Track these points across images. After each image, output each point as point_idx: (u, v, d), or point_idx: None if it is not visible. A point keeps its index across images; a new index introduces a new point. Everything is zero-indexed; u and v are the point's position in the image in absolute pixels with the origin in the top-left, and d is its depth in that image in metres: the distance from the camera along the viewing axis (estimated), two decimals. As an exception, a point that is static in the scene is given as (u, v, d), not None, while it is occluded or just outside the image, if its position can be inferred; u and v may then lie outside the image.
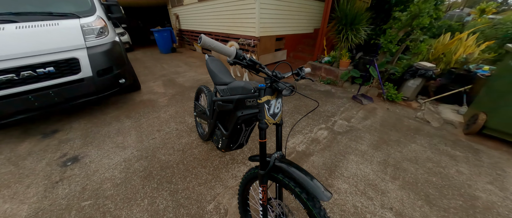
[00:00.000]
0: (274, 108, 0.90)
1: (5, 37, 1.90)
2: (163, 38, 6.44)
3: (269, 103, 0.86)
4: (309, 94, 3.27)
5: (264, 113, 0.87)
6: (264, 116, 0.87)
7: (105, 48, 2.47)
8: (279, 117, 0.93)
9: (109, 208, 1.43)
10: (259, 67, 0.79)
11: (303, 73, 0.98)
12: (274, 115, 0.90)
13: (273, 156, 0.93)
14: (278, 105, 0.92)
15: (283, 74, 0.88)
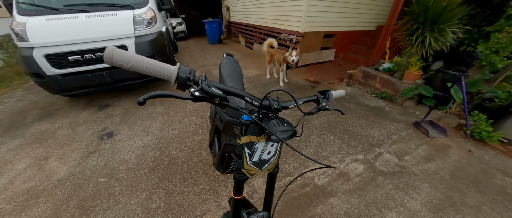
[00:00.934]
0: (261, 154, 0.62)
1: (78, 24, 2.30)
2: (212, 29, 6.78)
3: (253, 146, 0.59)
4: (352, 109, 2.66)
5: (243, 160, 0.60)
6: (242, 164, 0.60)
7: (151, 37, 2.69)
8: (271, 165, 0.65)
9: (115, 191, 1.53)
10: (219, 102, 0.48)
11: (325, 103, 0.67)
12: (261, 163, 0.62)
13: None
14: (270, 150, 0.63)
15: (284, 103, 0.59)
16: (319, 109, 0.66)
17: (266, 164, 0.64)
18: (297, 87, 3.30)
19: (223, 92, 0.51)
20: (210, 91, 0.44)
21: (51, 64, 2.27)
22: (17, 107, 2.90)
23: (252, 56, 5.30)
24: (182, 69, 0.43)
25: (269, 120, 0.53)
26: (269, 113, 0.56)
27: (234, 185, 0.65)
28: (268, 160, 0.64)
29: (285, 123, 0.53)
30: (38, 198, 1.48)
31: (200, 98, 0.44)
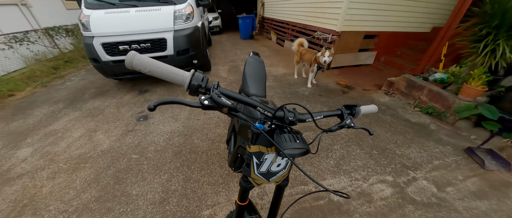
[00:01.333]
0: (270, 165, 0.59)
1: (129, 17, 2.61)
2: (245, 24, 6.86)
3: (262, 157, 0.57)
4: (388, 122, 2.37)
5: (251, 168, 0.59)
6: (249, 172, 0.59)
7: (187, 32, 2.88)
8: (280, 177, 0.62)
9: (143, 168, 1.72)
10: (228, 112, 0.47)
11: (350, 120, 0.60)
12: (269, 174, 0.60)
13: None
14: (280, 162, 0.60)
15: (301, 116, 0.55)
16: (341, 127, 0.59)
17: (274, 176, 0.61)
18: (326, 91, 3.10)
19: (235, 101, 0.50)
20: (219, 100, 0.43)
21: (105, 52, 2.65)
22: (80, 84, 3.51)
23: (282, 54, 5.18)
24: (195, 76, 0.43)
25: (282, 134, 0.50)
26: (283, 125, 0.53)
27: (239, 191, 0.65)
28: (277, 173, 0.61)
29: (298, 139, 0.49)
30: (85, 163, 1.78)
31: (209, 107, 0.44)
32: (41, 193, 1.53)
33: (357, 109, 0.63)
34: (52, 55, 4.67)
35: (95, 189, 1.54)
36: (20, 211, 1.41)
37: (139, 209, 1.38)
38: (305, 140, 0.52)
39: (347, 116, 0.61)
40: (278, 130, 0.52)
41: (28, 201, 1.48)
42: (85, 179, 1.63)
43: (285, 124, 0.53)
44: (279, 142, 0.48)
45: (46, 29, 4.68)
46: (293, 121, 0.53)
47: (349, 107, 0.64)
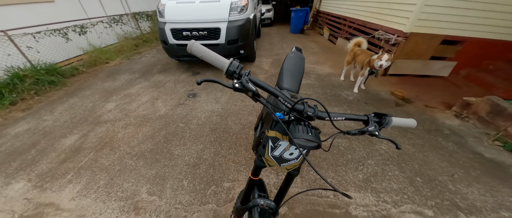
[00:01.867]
0: (283, 152, 0.65)
1: (194, 8, 3.01)
2: (298, 18, 6.66)
3: (276, 142, 0.63)
4: (449, 149, 1.96)
5: (266, 150, 0.66)
6: (264, 153, 0.67)
7: (240, 23, 3.09)
8: (291, 165, 0.68)
9: (185, 135, 2.06)
10: (252, 96, 0.55)
11: (375, 128, 0.58)
12: (281, 159, 0.66)
13: (258, 201, 0.75)
14: (292, 151, 0.66)
15: (321, 113, 0.57)
16: (362, 132, 0.58)
17: (285, 163, 0.67)
18: (375, 99, 2.76)
19: (261, 88, 0.58)
20: (246, 85, 0.52)
21: (172, 36, 3.17)
22: (151, 61, 4.33)
23: (331, 52, 4.84)
24: (232, 63, 0.53)
25: (298, 125, 0.55)
26: (300, 118, 0.58)
27: (253, 167, 0.74)
28: (289, 160, 0.66)
29: (312, 132, 0.53)
30: (146, 122, 2.27)
31: (238, 89, 0.53)
32: (117, 137, 2.07)
33: (387, 118, 0.60)
34: (135, 35, 5.87)
35: (150, 143, 1.97)
36: (103, 146, 1.96)
37: (177, 166, 1.69)
38: (319, 136, 0.55)
39: (373, 123, 0.59)
40: (296, 121, 0.57)
41: (108, 140, 2.03)
42: (145, 134, 2.09)
43: (302, 117, 0.57)
44: (292, 131, 0.54)
45: (134, 13, 5.90)
46: (311, 116, 0.56)
47: (379, 115, 0.62)
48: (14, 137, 2.15)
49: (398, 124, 0.62)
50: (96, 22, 4.72)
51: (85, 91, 3.10)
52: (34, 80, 3.05)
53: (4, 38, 3.05)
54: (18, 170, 1.73)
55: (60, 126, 2.30)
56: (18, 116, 2.55)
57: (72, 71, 3.69)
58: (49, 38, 3.71)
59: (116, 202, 1.43)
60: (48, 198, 1.48)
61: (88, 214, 1.36)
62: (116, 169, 1.71)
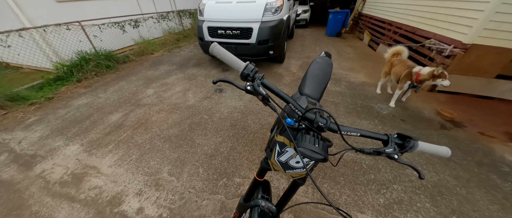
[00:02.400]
0: (289, 159, 0.64)
1: (230, 7, 3.16)
2: (336, 20, 6.30)
3: (284, 147, 0.62)
4: (505, 191, 1.60)
5: (273, 153, 0.66)
6: (270, 156, 0.67)
7: (272, 24, 3.11)
8: (296, 174, 0.66)
9: (208, 126, 2.19)
10: (262, 100, 0.55)
11: (393, 150, 0.51)
12: (286, 165, 0.65)
13: (260, 202, 0.76)
14: (299, 160, 0.63)
15: (334, 126, 0.54)
16: (378, 153, 0.52)
17: (290, 170, 0.66)
18: (415, 118, 2.42)
19: (272, 92, 0.59)
20: (257, 89, 0.54)
21: (208, 34, 3.38)
22: (188, 55, 4.72)
23: (369, 59, 4.44)
24: (247, 67, 0.56)
25: (306, 134, 0.53)
26: (311, 127, 0.56)
27: (259, 168, 0.75)
28: (294, 168, 0.65)
29: (319, 144, 0.51)
30: (176, 110, 2.49)
31: (249, 92, 0.55)
32: (151, 119, 2.34)
33: (413, 142, 0.52)
34: (178, 30, 6.45)
35: (177, 129, 2.16)
36: (139, 126, 2.23)
37: (196, 154, 1.82)
38: (326, 149, 0.53)
39: (392, 144, 0.53)
40: (305, 130, 0.56)
41: (144, 121, 2.31)
42: (174, 120, 2.31)
43: (312, 127, 0.55)
44: (299, 140, 0.53)
45: (179, 11, 6.49)
46: (321, 126, 0.54)
47: (402, 137, 0.55)
48: (76, 108, 2.64)
49: (427, 150, 0.54)
50: (147, 18, 5.38)
51: (132, 77, 3.58)
52: (96, 63, 3.66)
53: (78, 27, 3.74)
54: (75, 136, 2.12)
55: (110, 104, 2.71)
56: (81, 91, 3.10)
57: (124, 58, 4.30)
58: (110, 29, 4.40)
59: (142, 176, 1.63)
60: (92, 162, 1.78)
61: (120, 181, 1.59)
62: (146, 147, 1.93)
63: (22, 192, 1.53)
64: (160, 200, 1.43)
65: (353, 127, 0.56)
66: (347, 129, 0.55)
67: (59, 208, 1.41)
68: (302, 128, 0.57)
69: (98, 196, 1.48)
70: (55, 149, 1.95)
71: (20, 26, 3.13)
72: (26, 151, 1.94)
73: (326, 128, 0.55)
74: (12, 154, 1.91)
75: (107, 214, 1.35)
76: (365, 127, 2.18)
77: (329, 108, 2.55)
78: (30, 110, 2.63)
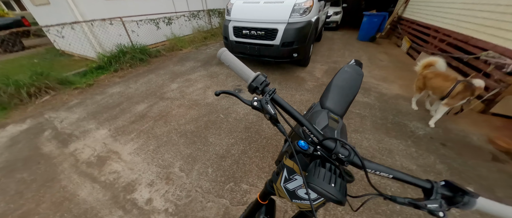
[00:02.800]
0: (297, 188, 0.56)
1: (257, 8, 3.12)
2: (371, 23, 5.78)
3: (292, 174, 0.55)
4: None
5: (279, 178, 0.58)
6: (276, 180, 0.59)
7: (298, 26, 2.98)
8: (304, 205, 0.57)
9: (222, 126, 2.19)
10: (269, 119, 0.48)
11: (438, 207, 0.38)
12: (293, 194, 0.57)
13: None
14: (307, 191, 0.55)
15: (357, 160, 0.44)
16: (416, 206, 0.39)
17: (298, 200, 0.57)
18: (459, 144, 2.02)
19: (284, 111, 0.51)
20: (265, 106, 0.47)
21: (233, 33, 3.40)
22: (213, 53, 4.85)
23: (407, 69, 3.95)
24: (257, 78, 0.49)
25: (321, 166, 0.44)
26: (327, 158, 0.46)
27: (263, 189, 0.68)
28: (302, 199, 0.56)
29: (337, 182, 0.41)
30: (195, 106, 2.56)
31: (256, 108, 0.48)
32: (171, 113, 2.44)
33: (470, 199, 0.38)
34: (206, 29, 6.70)
35: (193, 125, 2.21)
36: (160, 118, 2.35)
37: (207, 153, 1.83)
38: (345, 188, 0.43)
39: (438, 197, 0.39)
40: (321, 160, 0.47)
41: (165, 114, 2.42)
42: (191, 116, 2.37)
43: (330, 159, 0.46)
44: (311, 171, 0.44)
45: (208, 10, 6.73)
46: (342, 159, 0.44)
47: (455, 189, 0.40)
48: (109, 96, 2.91)
49: (491, 211, 0.39)
50: (180, 16, 5.70)
51: (160, 70, 3.82)
52: (131, 56, 4.01)
53: (119, 22, 4.13)
54: (105, 121, 2.33)
55: (138, 94, 2.93)
56: (116, 80, 3.42)
57: (156, 53, 4.62)
58: (146, 25, 4.77)
59: (155, 167, 1.69)
60: (116, 147, 1.92)
61: (136, 169, 1.68)
62: (163, 140, 2.02)
63: (56, 166, 1.73)
64: (168, 194, 1.46)
65: (384, 166, 0.44)
66: (376, 167, 0.44)
67: (82, 186, 1.55)
68: (317, 156, 0.48)
69: (115, 180, 1.59)
70: (88, 131, 2.17)
71: (73, 19, 3.59)
72: (65, 130, 2.20)
73: (348, 163, 0.45)
74: (54, 131, 2.19)
75: (120, 199, 1.44)
76: (394, 148, 1.92)
77: (354, 120, 2.33)
78: (74, 94, 3.00)
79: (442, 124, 2.31)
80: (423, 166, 1.74)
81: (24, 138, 2.11)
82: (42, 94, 2.85)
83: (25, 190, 1.53)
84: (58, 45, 5.15)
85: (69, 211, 1.37)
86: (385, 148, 1.92)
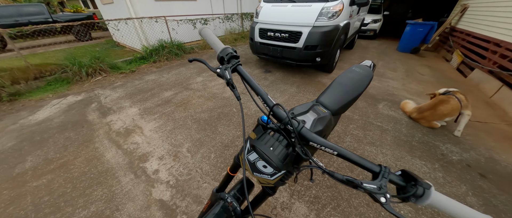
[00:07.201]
0: (256, 160, 0.58)
1: (284, 11, 3.18)
2: (415, 33, 5.18)
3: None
4: None
5: (243, 150, 0.62)
6: (240, 152, 0.64)
7: (324, 29, 2.91)
8: (264, 180, 0.58)
9: (233, 119, 2.29)
10: (228, 85, 0.52)
11: (382, 189, 0.36)
12: (254, 167, 0.59)
13: (226, 197, 0.71)
14: (265, 163, 0.57)
15: (306, 132, 0.46)
16: (354, 185, 0.37)
17: (258, 174, 0.59)
18: (506, 179, 1.67)
19: (245, 81, 0.56)
20: (224, 73, 0.53)
21: (259, 35, 3.53)
22: (239, 53, 5.08)
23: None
24: (224, 49, 0.57)
25: (271, 134, 0.48)
26: (278, 128, 0.49)
27: (232, 163, 0.72)
28: (261, 173, 0.58)
29: (277, 149, 0.44)
30: (213, 99, 2.74)
31: (219, 75, 0.54)
32: (191, 102, 2.67)
33: (420, 188, 0.35)
34: (238, 31, 7.06)
35: (208, 115, 2.37)
36: (181, 105, 2.59)
37: (214, 140, 1.94)
38: (291, 159, 0.46)
39: (384, 181, 0.37)
40: (274, 130, 0.50)
41: (186, 102, 2.66)
42: (208, 107, 2.55)
43: (279, 128, 0.48)
44: (259, 138, 0.47)
45: (242, 14, 7.08)
46: (289, 128, 0.46)
47: (408, 176, 0.38)
48: (145, 81, 3.34)
49: (443, 207, 0.35)
50: (215, 17, 6.17)
51: (190, 65, 4.20)
52: (169, 50, 4.52)
53: (163, 21, 4.72)
54: (137, 101, 2.69)
55: (168, 83, 3.29)
56: (153, 70, 3.91)
57: (189, 49, 5.10)
58: (185, 25, 5.32)
59: (167, 145, 1.88)
60: (140, 124, 2.21)
61: (152, 144, 1.90)
62: (179, 123, 2.23)
63: (94, 131, 2.09)
64: (173, 170, 1.61)
65: (333, 144, 0.44)
66: (323, 143, 0.45)
67: (109, 150, 1.83)
68: (273, 129, 0.51)
69: (134, 150, 1.83)
70: (123, 107, 2.55)
71: (128, 16, 4.28)
72: (107, 104, 2.62)
73: (295, 131, 0.46)
74: (99, 104, 2.64)
75: (134, 165, 1.65)
76: (416, 169, 1.70)
77: (373, 132, 2.14)
78: (119, 77, 3.55)
79: (487, 152, 1.93)
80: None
81: (77, 106, 2.60)
82: (96, 75, 3.46)
83: (69, 145, 1.90)
84: (115, 38, 6.16)
85: (95, 167, 1.64)
86: (403, 167, 1.71)
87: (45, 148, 1.88)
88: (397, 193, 0.40)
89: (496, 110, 2.69)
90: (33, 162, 1.71)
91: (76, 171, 1.62)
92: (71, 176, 1.58)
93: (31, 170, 1.64)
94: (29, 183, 1.53)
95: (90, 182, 1.52)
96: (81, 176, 1.57)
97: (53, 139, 1.99)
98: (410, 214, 1.34)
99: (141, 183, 1.50)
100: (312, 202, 1.38)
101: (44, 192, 1.45)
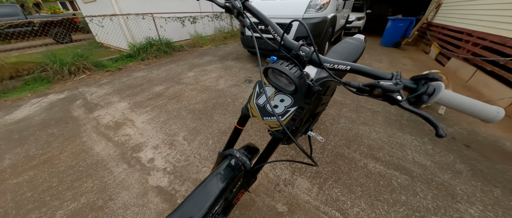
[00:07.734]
0: (266, 103, 0.59)
1: (274, 4, 3.23)
2: (396, 28, 5.50)
3: (262, 87, 0.60)
4: None
5: (252, 96, 0.64)
6: (250, 99, 0.64)
7: (314, 21, 3.00)
8: (273, 123, 0.59)
9: (228, 108, 2.26)
10: (237, 16, 0.55)
11: (395, 85, 0.39)
12: (263, 110, 0.60)
13: (235, 153, 0.71)
14: (277, 104, 0.59)
15: (315, 57, 0.48)
16: (372, 88, 0.40)
17: (268, 117, 0.60)
18: (487, 147, 1.78)
19: (254, 16, 0.57)
20: (233, 3, 0.53)
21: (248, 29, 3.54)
22: (230, 50, 5.07)
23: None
24: None
25: (283, 63, 0.49)
26: (290, 57, 0.51)
27: (240, 115, 0.71)
28: (272, 116, 0.59)
29: (295, 71, 0.47)
30: (207, 91, 2.69)
31: (227, 8, 0.54)
32: (184, 95, 2.60)
33: (430, 85, 0.38)
34: (227, 30, 7.06)
35: (202, 105, 2.33)
36: (173, 97, 2.51)
37: (211, 128, 1.90)
38: (301, 78, 0.48)
39: (399, 83, 0.39)
40: (285, 61, 0.51)
41: (178, 95, 2.59)
42: (201, 98, 2.50)
43: (291, 57, 0.51)
44: (274, 63, 0.49)
45: (232, 13, 7.11)
46: (301, 56, 0.49)
47: (419, 79, 0.41)
48: (134, 78, 3.22)
49: (457, 104, 0.38)
50: (204, 16, 6.12)
51: (180, 62, 4.11)
52: (157, 48, 4.40)
53: (150, 18, 4.60)
54: (127, 96, 2.58)
55: (158, 79, 3.19)
56: (141, 67, 3.77)
57: (179, 47, 5.00)
58: (173, 22, 5.22)
59: (162, 135, 1.81)
60: (131, 117, 2.11)
61: (145, 135, 1.82)
62: (173, 114, 2.16)
63: (80, 126, 1.96)
64: (169, 157, 1.55)
65: (342, 61, 0.47)
66: (335, 61, 0.47)
67: (99, 143, 1.72)
68: (285, 57, 0.53)
69: (126, 141, 1.74)
70: (111, 102, 2.43)
71: (112, 12, 4.12)
72: (93, 101, 2.48)
73: (306, 59, 0.48)
74: (84, 101, 2.49)
75: (127, 156, 1.57)
76: (407, 143, 1.78)
77: (365, 114, 2.22)
78: (105, 75, 3.38)
79: (469, 126, 2.08)
80: (439, 164, 1.57)
81: (60, 104, 2.44)
82: (80, 73, 3.27)
83: (53, 141, 1.76)
84: (98, 39, 5.90)
85: (83, 160, 1.54)
86: (396, 142, 1.79)
87: (25, 145, 1.73)
88: (410, 94, 0.42)
89: (473, 92, 2.90)
90: (12, 160, 1.57)
91: (62, 165, 1.50)
92: (56, 170, 1.46)
93: (10, 168, 1.50)
94: (8, 180, 1.39)
95: (79, 175, 1.42)
96: (68, 170, 1.46)
97: (35, 136, 1.84)
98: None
99: (135, 172, 1.43)
100: (313, 177, 1.39)
101: (26, 188, 1.33)
